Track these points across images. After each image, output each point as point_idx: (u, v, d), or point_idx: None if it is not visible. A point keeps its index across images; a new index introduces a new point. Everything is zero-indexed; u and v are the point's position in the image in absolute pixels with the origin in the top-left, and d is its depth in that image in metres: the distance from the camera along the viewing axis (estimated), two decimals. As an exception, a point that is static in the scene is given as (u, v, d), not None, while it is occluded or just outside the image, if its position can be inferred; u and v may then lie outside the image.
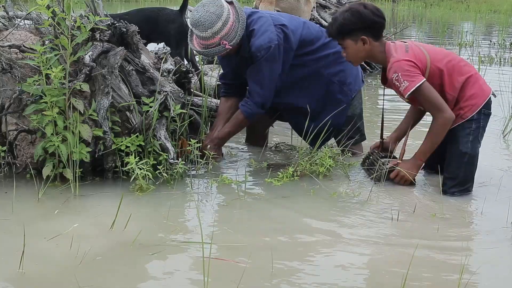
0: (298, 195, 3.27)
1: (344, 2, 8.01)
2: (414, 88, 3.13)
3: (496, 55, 9.37)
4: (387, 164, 3.39)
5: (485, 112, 3.32)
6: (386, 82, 3.40)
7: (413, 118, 3.60)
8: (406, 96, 3.18)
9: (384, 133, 3.61)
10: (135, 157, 3.16)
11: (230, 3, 3.51)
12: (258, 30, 3.49)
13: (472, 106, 3.27)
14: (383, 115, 3.62)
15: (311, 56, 3.67)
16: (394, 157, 3.54)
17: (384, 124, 3.62)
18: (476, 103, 3.27)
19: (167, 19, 5.08)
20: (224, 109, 3.82)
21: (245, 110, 3.65)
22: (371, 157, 3.56)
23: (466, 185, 3.34)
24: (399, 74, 3.15)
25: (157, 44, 5.20)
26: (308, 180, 3.47)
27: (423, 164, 3.41)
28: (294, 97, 3.73)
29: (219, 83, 4.05)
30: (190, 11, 8.67)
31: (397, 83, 3.17)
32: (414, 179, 3.39)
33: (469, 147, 3.30)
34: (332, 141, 3.91)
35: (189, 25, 3.49)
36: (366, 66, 7.71)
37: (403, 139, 3.57)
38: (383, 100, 3.81)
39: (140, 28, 3.39)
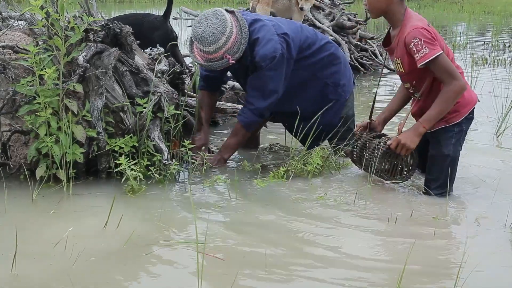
0: (290, 196, 3.28)
1: (338, 3, 8.01)
2: (433, 57, 3.06)
3: (489, 56, 9.41)
4: (383, 144, 3.34)
5: (468, 116, 3.32)
6: (388, 45, 3.36)
7: (403, 99, 3.57)
8: (421, 64, 3.09)
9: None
10: (128, 158, 3.16)
11: (232, 12, 3.49)
12: (262, 38, 3.46)
13: (459, 113, 3.27)
14: (375, 96, 3.61)
15: (308, 60, 3.66)
16: (385, 135, 3.51)
17: (374, 108, 3.60)
18: (463, 110, 3.27)
19: (152, 26, 5.03)
20: (207, 102, 3.84)
21: (241, 119, 3.63)
22: (361, 139, 3.53)
23: (447, 187, 3.34)
24: (422, 39, 3.07)
25: (143, 50, 5.18)
26: (301, 181, 3.48)
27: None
28: (291, 102, 3.72)
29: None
30: (191, 14, 8.66)
31: (415, 49, 3.09)
32: (414, 150, 3.33)
33: (451, 150, 3.31)
34: (325, 142, 3.90)
35: (192, 38, 3.45)
36: (359, 67, 7.73)
37: (403, 117, 3.48)
38: (378, 81, 3.75)
39: None
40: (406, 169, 3.42)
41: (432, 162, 3.36)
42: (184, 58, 5.46)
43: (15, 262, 2.34)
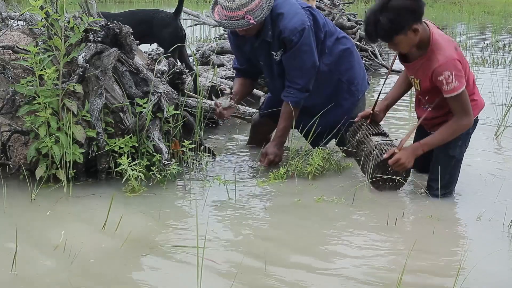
0: (290, 197, 3.28)
1: (338, 4, 8.01)
2: (461, 90, 3.05)
3: (489, 56, 9.40)
4: (378, 152, 3.33)
5: (475, 120, 3.34)
6: (406, 59, 3.28)
7: (405, 86, 3.53)
8: (449, 96, 3.08)
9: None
10: (128, 158, 3.16)
11: None
12: (287, 13, 3.44)
13: None
14: (381, 89, 3.61)
15: (326, 48, 3.64)
16: (384, 134, 3.47)
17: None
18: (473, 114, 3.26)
19: (162, 23, 5.05)
20: (237, 82, 3.82)
21: (290, 100, 3.58)
22: (359, 132, 3.48)
23: (450, 188, 3.36)
24: (453, 73, 3.03)
25: (150, 45, 5.19)
26: (301, 181, 3.48)
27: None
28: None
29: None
30: (190, 14, 8.65)
31: (445, 81, 3.04)
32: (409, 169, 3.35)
33: (457, 151, 3.32)
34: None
35: None
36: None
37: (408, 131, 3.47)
38: (386, 78, 3.72)
39: (133, 30, 3.32)
40: (398, 179, 3.36)
41: (437, 162, 3.34)
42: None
43: (15, 262, 2.35)
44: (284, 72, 3.62)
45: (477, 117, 3.35)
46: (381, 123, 3.58)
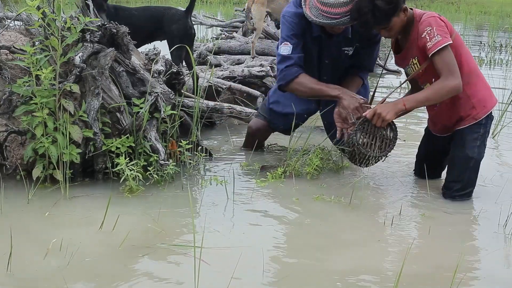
0: (288, 197, 3.28)
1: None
2: (445, 44, 3.02)
3: (486, 56, 9.42)
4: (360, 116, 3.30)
5: (490, 116, 3.31)
6: (399, 51, 3.32)
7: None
8: (433, 52, 3.04)
9: None
10: (125, 158, 3.16)
11: None
12: None
13: (484, 108, 3.25)
14: (376, 87, 3.64)
15: None
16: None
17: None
18: (487, 105, 3.26)
19: (172, 19, 5.11)
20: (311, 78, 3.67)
21: (365, 77, 3.84)
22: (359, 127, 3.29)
23: (468, 189, 3.31)
24: (434, 28, 3.04)
25: (160, 42, 5.21)
26: (299, 181, 3.48)
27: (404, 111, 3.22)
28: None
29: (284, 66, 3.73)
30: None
31: (428, 37, 3.04)
32: (393, 123, 3.26)
33: (475, 152, 3.25)
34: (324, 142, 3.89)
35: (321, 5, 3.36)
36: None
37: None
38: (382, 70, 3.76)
39: (144, 26, 3.28)
40: (385, 142, 3.28)
41: (454, 163, 3.31)
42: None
43: (11, 262, 2.34)
44: (336, 68, 3.74)
45: (491, 113, 3.30)
46: None
